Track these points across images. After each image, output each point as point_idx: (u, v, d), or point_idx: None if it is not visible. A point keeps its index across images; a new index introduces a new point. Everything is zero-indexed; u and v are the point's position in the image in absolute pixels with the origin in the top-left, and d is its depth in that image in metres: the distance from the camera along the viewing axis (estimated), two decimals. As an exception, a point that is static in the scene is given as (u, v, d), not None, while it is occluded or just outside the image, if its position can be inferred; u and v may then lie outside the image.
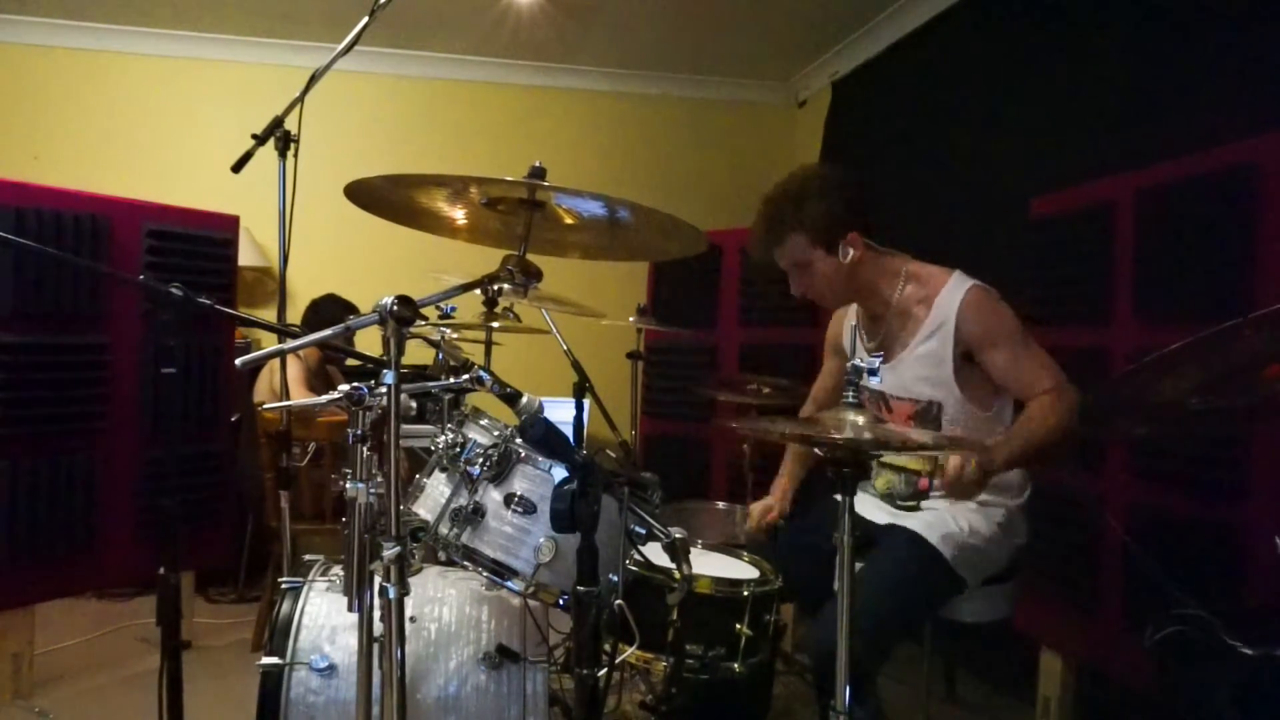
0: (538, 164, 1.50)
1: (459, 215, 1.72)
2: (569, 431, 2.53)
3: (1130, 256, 2.25)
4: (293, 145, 2.37)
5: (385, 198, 1.67)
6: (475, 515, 1.56)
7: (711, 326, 3.81)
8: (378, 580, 1.28)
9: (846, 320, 2.24)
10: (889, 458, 2.03)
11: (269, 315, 3.46)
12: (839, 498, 1.33)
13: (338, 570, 1.78)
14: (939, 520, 1.92)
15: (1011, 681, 2.77)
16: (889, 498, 2.07)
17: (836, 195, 1.95)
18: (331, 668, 1.61)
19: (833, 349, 2.32)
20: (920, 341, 1.96)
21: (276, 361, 3.36)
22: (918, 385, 1.98)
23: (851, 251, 1.95)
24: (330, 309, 3.75)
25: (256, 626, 3.14)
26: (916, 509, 2.00)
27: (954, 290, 1.93)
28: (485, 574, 1.57)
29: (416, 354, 1.91)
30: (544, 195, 1.53)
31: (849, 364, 1.42)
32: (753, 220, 2.04)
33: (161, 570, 1.66)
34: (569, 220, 1.66)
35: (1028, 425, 1.86)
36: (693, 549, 1.98)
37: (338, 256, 4.48)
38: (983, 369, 1.93)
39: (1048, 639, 2.45)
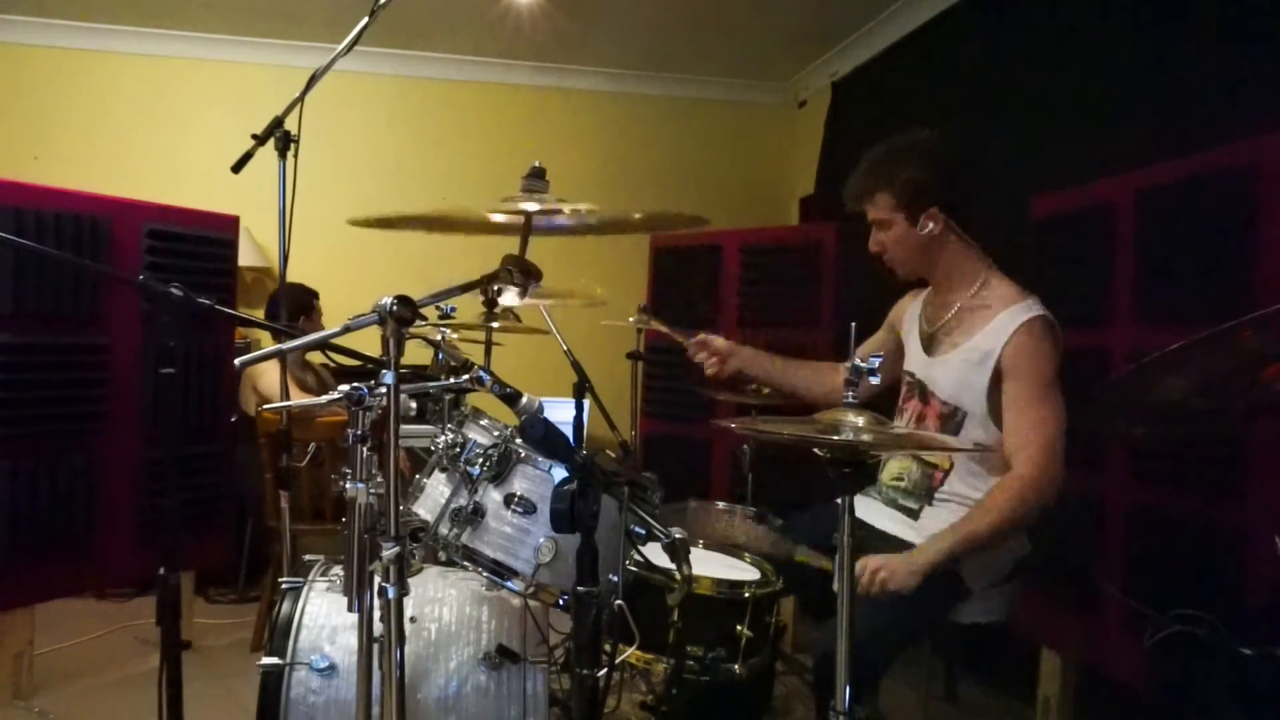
0: (537, 164, 1.51)
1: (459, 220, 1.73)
2: (569, 431, 2.53)
3: (1130, 256, 2.24)
4: (293, 145, 2.37)
5: (385, 223, 1.69)
6: (475, 515, 1.56)
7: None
8: (378, 580, 1.28)
9: (915, 301, 2.21)
10: None
11: (269, 315, 3.47)
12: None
13: (338, 570, 1.78)
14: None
15: (1011, 681, 2.77)
16: (895, 490, 2.07)
17: (930, 167, 1.97)
18: (331, 668, 1.61)
19: (889, 324, 2.30)
20: (969, 349, 1.95)
21: (260, 367, 3.37)
22: (953, 387, 1.97)
23: (930, 225, 1.96)
24: (294, 298, 3.71)
25: (256, 626, 3.14)
26: (918, 512, 2.00)
27: (1017, 315, 1.90)
28: (485, 574, 1.58)
29: (416, 354, 1.91)
30: (543, 198, 1.53)
31: (848, 364, 1.42)
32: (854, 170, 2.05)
33: (161, 570, 1.66)
34: (567, 211, 1.67)
35: (968, 522, 1.84)
36: (693, 549, 1.98)
37: (338, 256, 4.48)
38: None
39: (1048, 639, 2.45)
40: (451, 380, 1.60)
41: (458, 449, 1.62)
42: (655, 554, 1.63)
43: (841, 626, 1.32)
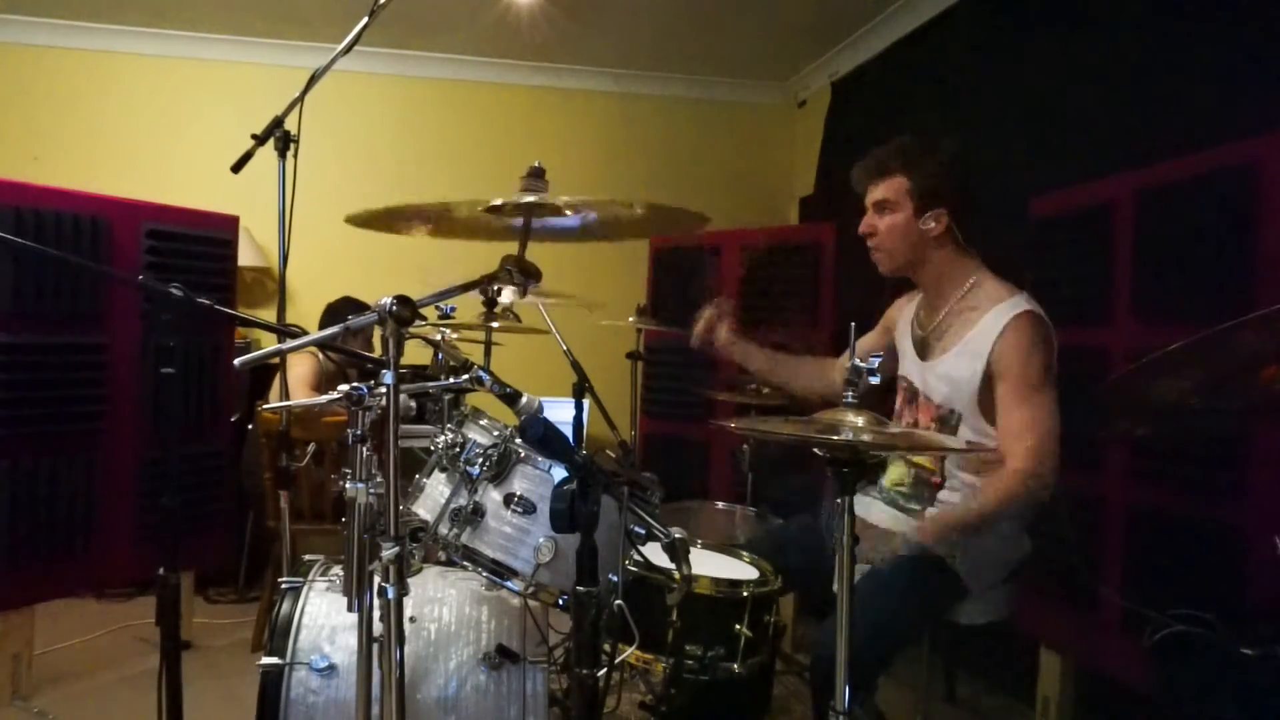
0: (537, 164, 1.51)
1: (458, 219, 1.73)
2: (569, 431, 2.53)
3: (1130, 256, 2.25)
4: (292, 145, 2.36)
5: (383, 218, 1.69)
6: (475, 515, 1.56)
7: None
8: (377, 580, 1.28)
9: (910, 305, 2.21)
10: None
11: (269, 315, 3.46)
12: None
13: (338, 570, 1.78)
14: None
15: (1011, 681, 2.77)
16: (897, 494, 2.07)
17: (956, 171, 1.98)
18: (331, 668, 1.61)
19: (885, 324, 2.30)
20: (960, 351, 1.95)
21: (290, 359, 3.36)
22: (946, 391, 1.97)
23: (934, 225, 1.97)
24: (347, 311, 3.74)
25: (256, 626, 3.14)
26: (921, 513, 2.00)
27: (1005, 312, 1.90)
28: (485, 574, 1.58)
29: (417, 354, 1.91)
30: (542, 199, 1.54)
31: (849, 363, 1.42)
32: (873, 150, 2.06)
33: (161, 570, 1.66)
34: (569, 212, 1.68)
35: (966, 505, 1.88)
36: (692, 549, 1.98)
37: (337, 256, 4.48)
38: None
39: (1048, 639, 2.45)
40: (451, 380, 1.59)
41: (457, 449, 1.61)
42: (655, 554, 1.63)
43: (841, 626, 1.32)
